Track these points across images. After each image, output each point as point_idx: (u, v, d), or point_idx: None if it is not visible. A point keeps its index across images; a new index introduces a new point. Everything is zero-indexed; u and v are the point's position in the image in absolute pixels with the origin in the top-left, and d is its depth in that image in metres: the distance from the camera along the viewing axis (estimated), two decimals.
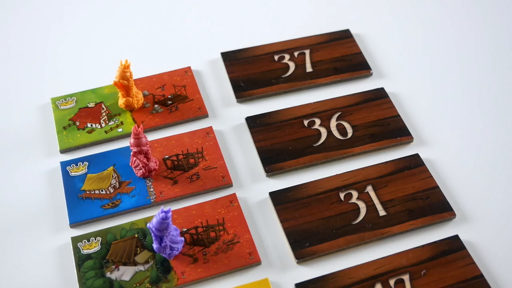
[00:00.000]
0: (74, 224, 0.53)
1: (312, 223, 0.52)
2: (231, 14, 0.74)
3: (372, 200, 0.54)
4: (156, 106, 0.62)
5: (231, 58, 0.66)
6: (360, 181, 0.55)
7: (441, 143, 0.59)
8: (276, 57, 0.66)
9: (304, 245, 0.51)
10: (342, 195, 0.54)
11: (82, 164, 0.57)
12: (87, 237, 0.52)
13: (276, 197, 0.54)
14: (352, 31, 0.69)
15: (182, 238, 0.51)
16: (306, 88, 0.64)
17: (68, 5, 0.75)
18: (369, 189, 0.55)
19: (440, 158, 0.58)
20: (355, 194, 0.54)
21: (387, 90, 0.63)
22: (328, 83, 0.64)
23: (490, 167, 0.57)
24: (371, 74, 0.65)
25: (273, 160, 0.57)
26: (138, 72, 0.64)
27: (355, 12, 0.73)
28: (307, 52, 0.67)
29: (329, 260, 0.51)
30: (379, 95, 0.62)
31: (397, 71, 0.66)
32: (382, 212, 0.53)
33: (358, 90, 0.63)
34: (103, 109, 0.62)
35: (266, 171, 0.56)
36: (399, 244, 0.52)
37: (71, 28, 0.73)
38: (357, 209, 0.53)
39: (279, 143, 0.58)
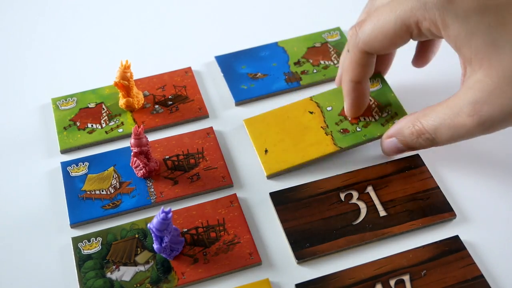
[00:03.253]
0: (74, 224, 0.53)
1: (313, 224, 0.52)
2: (232, 14, 0.74)
3: (372, 201, 0.54)
4: (156, 106, 0.62)
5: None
6: (360, 181, 0.55)
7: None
8: None
9: (305, 245, 0.51)
10: (342, 196, 0.54)
11: (83, 164, 0.57)
12: (87, 237, 0.52)
13: (277, 197, 0.54)
14: (343, 29, 0.69)
15: (183, 239, 0.51)
16: None
17: (69, 5, 0.76)
18: (370, 189, 0.55)
19: (440, 158, 0.58)
20: (355, 194, 0.54)
21: None
22: None
23: (490, 167, 0.57)
24: None
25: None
26: (138, 72, 0.64)
27: (347, 10, 0.73)
28: None
29: (329, 260, 0.51)
30: None
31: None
32: (382, 213, 0.53)
33: None
34: (103, 109, 0.62)
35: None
36: (399, 245, 0.52)
37: (71, 28, 0.73)
38: (357, 210, 0.53)
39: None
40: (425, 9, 0.46)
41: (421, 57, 0.58)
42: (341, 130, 0.58)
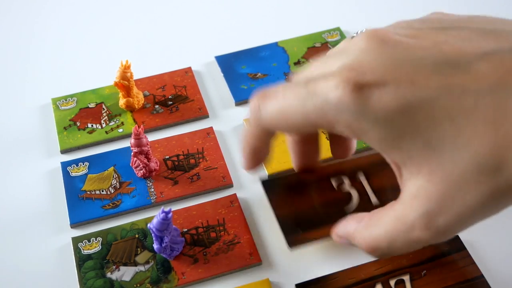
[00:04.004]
0: (74, 224, 0.53)
1: (305, 210, 0.51)
2: (232, 14, 0.74)
3: (364, 188, 0.53)
4: (156, 106, 0.62)
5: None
6: (352, 168, 0.54)
7: None
8: None
9: (297, 231, 0.50)
10: (334, 183, 0.53)
11: (83, 164, 0.57)
12: (87, 237, 0.52)
13: (268, 184, 0.53)
14: (343, 29, 0.70)
15: (183, 239, 0.51)
16: None
17: (69, 5, 0.76)
18: (362, 179, 0.54)
19: None
20: (347, 182, 0.53)
21: None
22: None
23: None
24: None
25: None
26: (138, 72, 0.64)
27: (347, 10, 0.73)
28: None
29: (329, 260, 0.51)
30: None
31: None
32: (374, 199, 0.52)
33: None
34: (103, 109, 0.62)
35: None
36: None
37: (71, 28, 0.73)
38: (349, 197, 0.52)
39: None
40: (337, 111, 0.37)
41: (342, 147, 0.50)
42: None
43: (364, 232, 0.42)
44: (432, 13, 0.42)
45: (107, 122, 0.61)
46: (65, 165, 0.57)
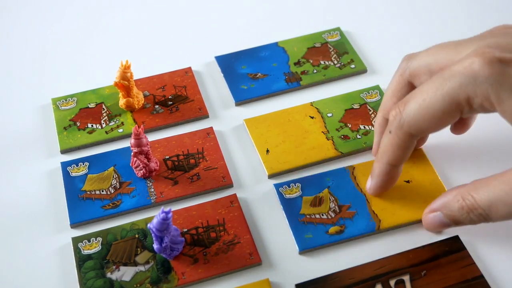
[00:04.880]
0: (74, 224, 0.53)
1: None
2: (232, 14, 0.74)
3: None
4: (156, 106, 0.62)
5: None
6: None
7: (440, 139, 0.59)
8: None
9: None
10: None
11: (83, 164, 0.57)
12: (87, 237, 0.52)
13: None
14: (343, 29, 0.69)
15: (183, 239, 0.51)
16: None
17: (69, 5, 0.76)
18: None
19: (440, 156, 0.58)
20: None
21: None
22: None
23: (489, 165, 0.57)
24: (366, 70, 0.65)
25: None
26: (138, 72, 0.64)
27: (347, 10, 0.73)
28: None
29: (329, 260, 0.51)
30: None
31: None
32: None
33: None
34: (103, 109, 0.62)
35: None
36: (399, 245, 0.52)
37: (71, 28, 0.73)
38: None
39: None
40: (476, 84, 0.43)
41: (461, 124, 0.55)
42: (342, 136, 0.58)
43: (466, 193, 0.46)
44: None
45: (107, 122, 0.61)
46: (65, 165, 0.57)
